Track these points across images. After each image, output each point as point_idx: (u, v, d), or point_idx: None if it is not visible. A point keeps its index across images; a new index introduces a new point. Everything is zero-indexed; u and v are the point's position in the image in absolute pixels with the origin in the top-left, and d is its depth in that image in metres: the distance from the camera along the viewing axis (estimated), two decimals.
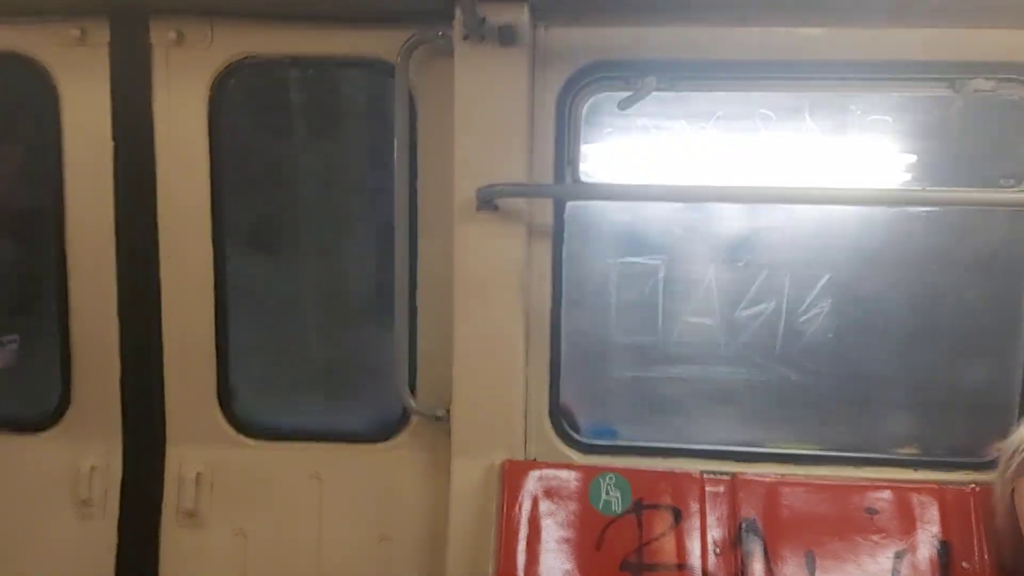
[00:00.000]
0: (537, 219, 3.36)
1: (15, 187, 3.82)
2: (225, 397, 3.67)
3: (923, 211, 3.34)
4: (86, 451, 3.67)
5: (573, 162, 3.35)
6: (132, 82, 3.49)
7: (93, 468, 3.66)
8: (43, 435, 3.70)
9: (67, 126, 3.55)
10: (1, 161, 3.81)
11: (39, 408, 3.72)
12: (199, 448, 3.66)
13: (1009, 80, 3.16)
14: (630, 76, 3.26)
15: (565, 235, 3.41)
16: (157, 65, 3.48)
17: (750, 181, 3.37)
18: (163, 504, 3.66)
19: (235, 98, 3.54)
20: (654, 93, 3.23)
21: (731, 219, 3.45)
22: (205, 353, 3.63)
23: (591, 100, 3.33)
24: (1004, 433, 3.16)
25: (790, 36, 3.20)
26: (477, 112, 3.24)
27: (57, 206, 3.60)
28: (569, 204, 3.41)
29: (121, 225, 3.57)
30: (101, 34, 3.46)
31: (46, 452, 3.69)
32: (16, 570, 3.70)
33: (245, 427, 3.69)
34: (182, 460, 3.66)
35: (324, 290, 3.78)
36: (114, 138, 3.53)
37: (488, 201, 3.25)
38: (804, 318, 3.47)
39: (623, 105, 3.26)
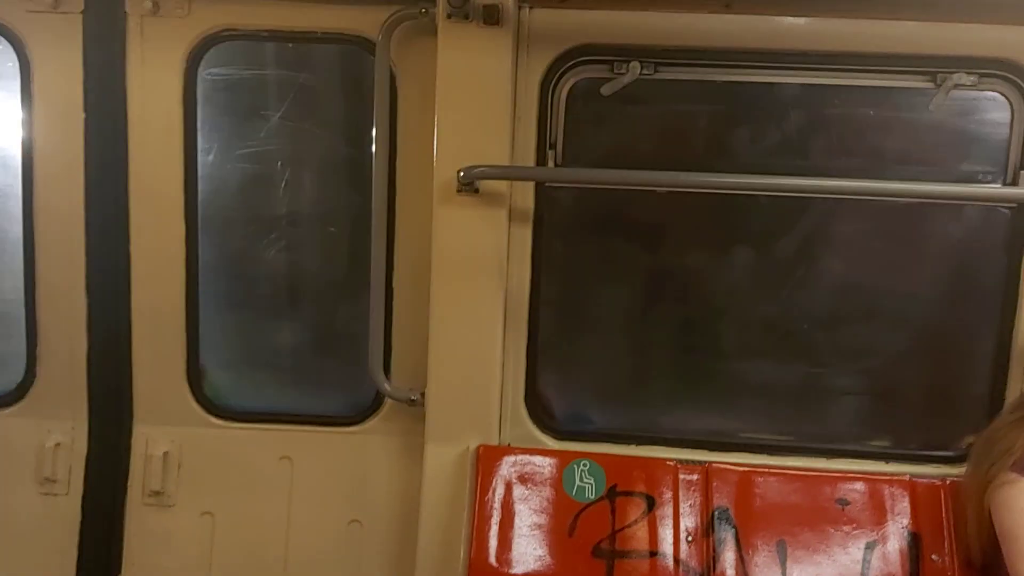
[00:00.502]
0: (518, 202, 3.33)
1: None
2: (194, 377, 3.61)
3: (899, 204, 3.35)
4: (51, 428, 3.59)
5: (556, 145, 3.32)
6: (105, 52, 3.41)
7: (58, 445, 3.59)
8: (6, 411, 3.62)
9: (37, 96, 3.46)
10: None
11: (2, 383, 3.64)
12: (167, 428, 3.60)
13: (990, 75, 3.18)
14: (614, 60, 3.25)
15: (546, 219, 3.39)
16: (132, 35, 3.40)
17: (731, 169, 3.36)
18: (129, 483, 3.60)
19: (211, 71, 3.47)
20: (638, 78, 3.22)
21: (711, 206, 3.44)
22: (175, 332, 3.57)
23: (574, 83, 3.30)
24: (976, 428, 3.21)
25: (774, 24, 3.19)
26: (459, 92, 3.20)
27: (26, 178, 3.52)
28: (550, 187, 3.38)
29: (90, 200, 3.49)
30: (75, 1, 3.37)
31: (10, 428, 3.61)
32: None
33: (215, 408, 3.63)
34: (149, 439, 3.60)
35: (299, 270, 3.71)
36: (85, 109, 3.44)
37: (469, 183, 3.21)
38: (780, 309, 3.48)
39: (607, 90, 3.25)
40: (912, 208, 3.35)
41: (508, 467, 3.29)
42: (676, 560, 3.13)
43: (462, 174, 3.18)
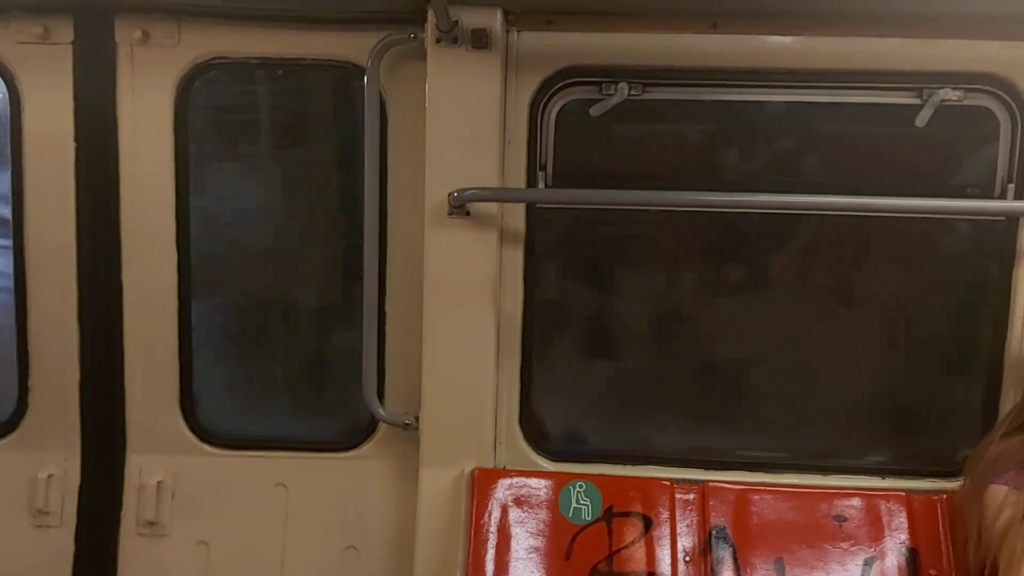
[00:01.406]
0: (509, 224, 3.33)
1: None
2: (187, 404, 3.59)
3: (889, 219, 3.36)
4: (44, 460, 3.57)
5: (546, 167, 3.33)
6: (96, 82, 3.42)
7: (51, 477, 3.56)
8: None
9: (28, 126, 3.45)
10: None
11: None
12: (160, 456, 3.58)
13: (976, 91, 3.20)
14: (603, 81, 3.26)
15: (537, 240, 3.39)
16: (122, 65, 3.41)
17: (721, 188, 3.37)
18: (122, 513, 3.57)
19: (202, 100, 3.48)
20: (627, 98, 3.24)
21: (702, 224, 3.45)
22: (167, 360, 3.56)
23: (563, 104, 3.32)
24: (971, 442, 3.21)
25: (761, 44, 3.21)
26: (449, 116, 3.21)
27: (16, 209, 3.51)
28: (541, 209, 3.39)
29: (82, 229, 3.49)
30: (65, 32, 3.38)
31: (2, 460, 3.59)
32: None
33: (208, 435, 3.61)
34: (143, 468, 3.57)
35: (292, 295, 3.71)
36: (76, 139, 3.45)
37: (459, 206, 3.22)
38: (773, 326, 3.48)
39: (596, 110, 3.26)
40: (902, 223, 3.36)
41: (504, 490, 3.28)
42: None
43: (453, 197, 3.19)
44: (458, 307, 3.31)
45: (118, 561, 3.57)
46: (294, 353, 3.75)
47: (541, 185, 3.34)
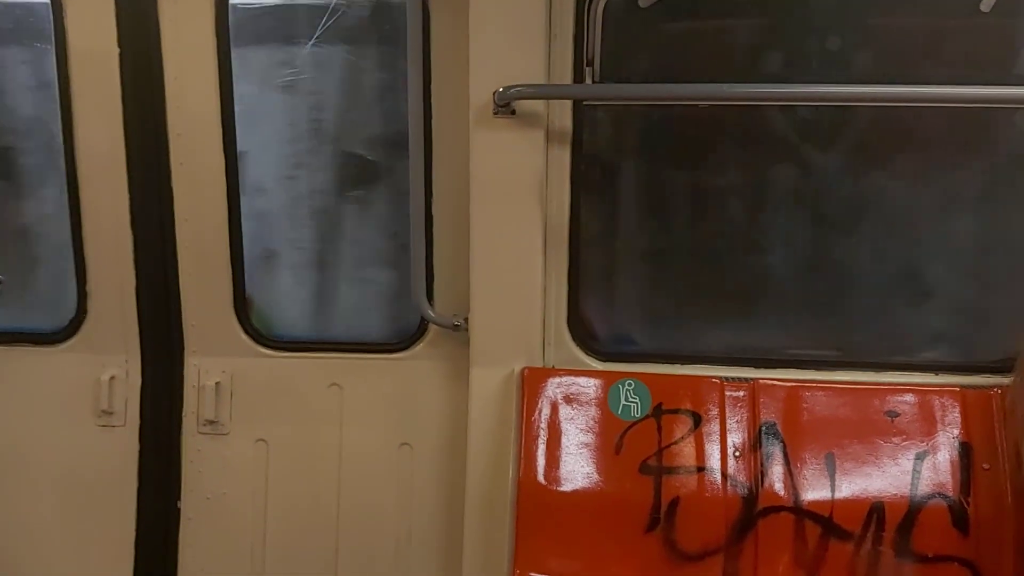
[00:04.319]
0: (556, 123, 3.28)
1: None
2: (241, 308, 3.66)
3: (947, 110, 3.24)
4: (105, 362, 3.68)
5: (593, 62, 3.24)
6: None
7: (113, 379, 3.68)
8: (61, 347, 3.71)
9: (71, 35, 3.46)
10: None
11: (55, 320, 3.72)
12: (217, 359, 3.68)
13: None
14: None
15: (585, 139, 3.33)
16: None
17: (773, 81, 3.28)
18: (183, 413, 3.69)
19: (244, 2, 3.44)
20: None
21: (752, 119, 3.36)
22: (220, 264, 3.61)
23: None
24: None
25: None
26: (493, 11, 3.14)
27: (65, 116, 3.54)
28: (588, 107, 3.32)
29: (130, 134, 3.52)
30: None
31: (65, 364, 3.71)
32: (42, 480, 3.74)
33: (262, 338, 3.69)
34: (201, 370, 3.68)
35: (339, 197, 3.71)
36: (120, 45, 3.44)
37: (505, 104, 3.17)
38: (826, 222, 3.42)
39: (644, 2, 3.18)
40: (961, 114, 3.25)
41: (554, 388, 3.31)
42: (724, 475, 3.14)
43: (498, 95, 3.14)
44: (505, 208, 3.29)
45: (182, 459, 3.70)
46: (344, 256, 3.77)
47: (588, 82, 3.27)
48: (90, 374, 3.69)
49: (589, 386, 3.31)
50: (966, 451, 3.10)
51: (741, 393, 3.24)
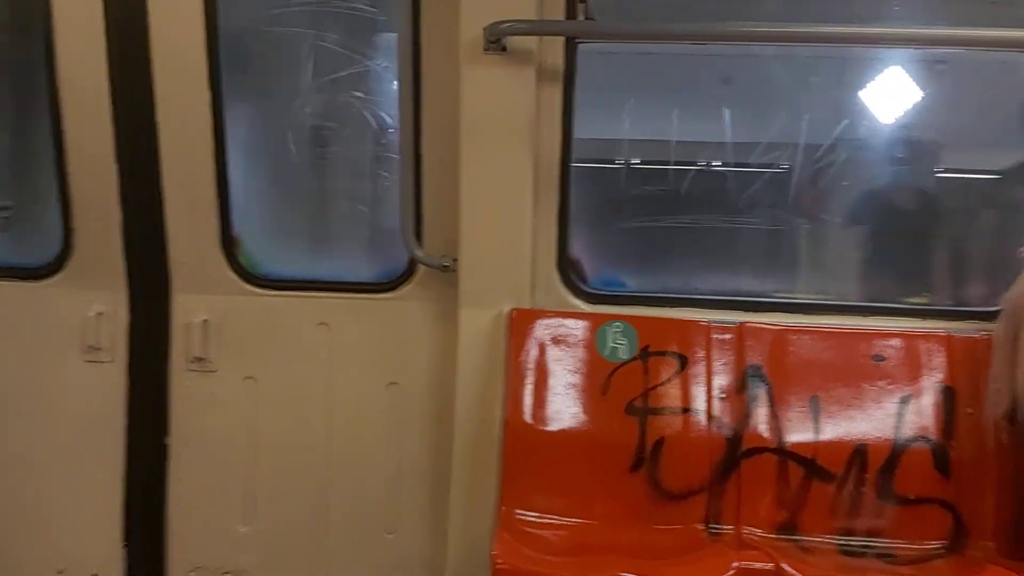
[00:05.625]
0: (547, 61, 3.23)
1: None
2: (228, 246, 3.63)
3: (941, 57, 3.20)
4: (92, 298, 3.66)
5: None
6: None
7: (100, 314, 3.66)
8: (48, 281, 3.69)
9: None
10: None
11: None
12: (205, 296, 3.65)
13: None
14: None
15: (577, 78, 3.28)
16: None
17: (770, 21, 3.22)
18: (171, 350, 3.69)
19: None
20: None
21: (749, 62, 3.32)
22: (206, 202, 3.57)
23: None
24: (1012, 283, 3.15)
25: None
26: None
27: (48, 50, 3.47)
28: (580, 44, 3.27)
29: (114, 70, 3.44)
30: None
31: (52, 299, 3.68)
32: (31, 415, 3.75)
33: (250, 276, 3.67)
34: (188, 307, 3.66)
35: (327, 137, 3.67)
36: None
37: (495, 40, 3.11)
38: (818, 166, 3.40)
39: None
40: (956, 61, 3.21)
41: (542, 329, 3.31)
42: (709, 416, 3.16)
43: (488, 31, 3.08)
44: (495, 148, 3.26)
45: (170, 396, 3.71)
46: (332, 196, 3.74)
47: (581, 17, 3.21)
48: (78, 310, 3.66)
49: (577, 328, 3.31)
50: (950, 395, 3.12)
51: (728, 336, 3.24)
